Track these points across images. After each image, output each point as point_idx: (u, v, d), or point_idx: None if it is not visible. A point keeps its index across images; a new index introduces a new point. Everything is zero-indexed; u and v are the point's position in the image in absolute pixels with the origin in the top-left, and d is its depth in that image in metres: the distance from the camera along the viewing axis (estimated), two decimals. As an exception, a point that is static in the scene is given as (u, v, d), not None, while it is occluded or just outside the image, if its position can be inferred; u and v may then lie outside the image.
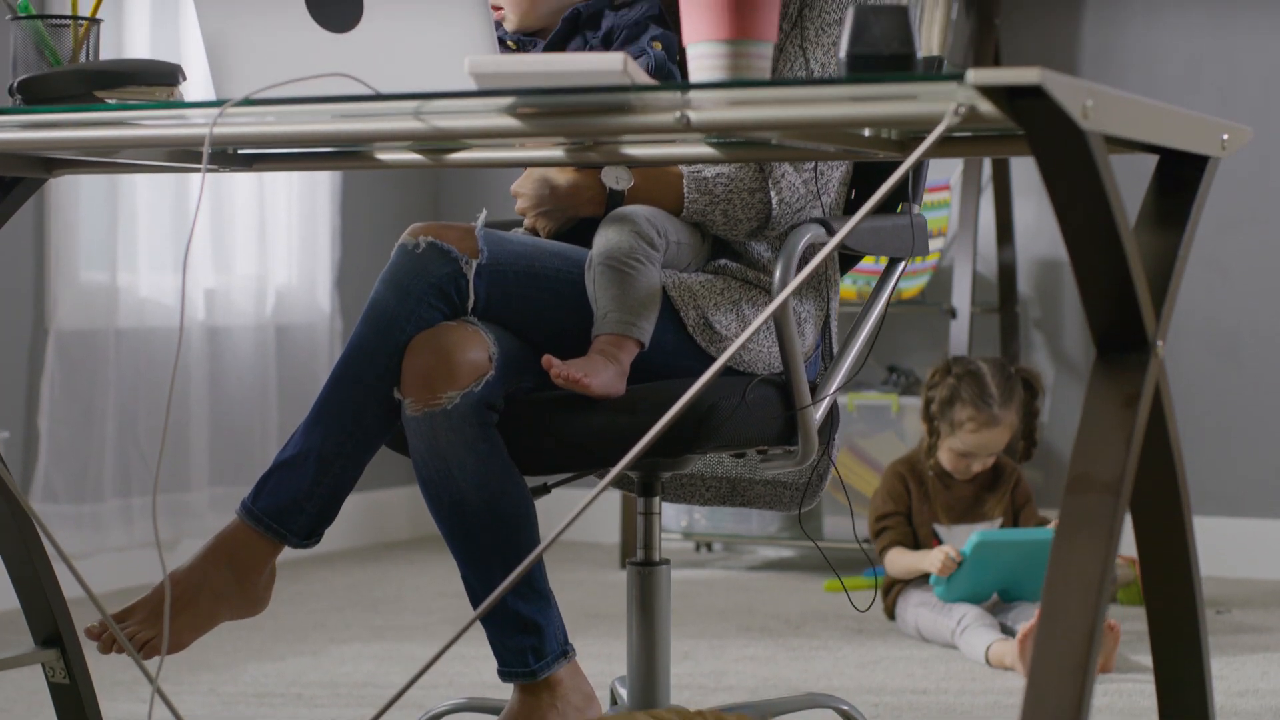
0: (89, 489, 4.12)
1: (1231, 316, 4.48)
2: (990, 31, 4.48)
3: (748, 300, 2.43)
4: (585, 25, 2.43)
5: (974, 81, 1.61)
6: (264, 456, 4.52)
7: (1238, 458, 4.49)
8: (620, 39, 2.40)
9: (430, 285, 2.29)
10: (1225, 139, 2.04)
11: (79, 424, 4.10)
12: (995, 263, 4.61)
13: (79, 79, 2.13)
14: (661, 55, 2.37)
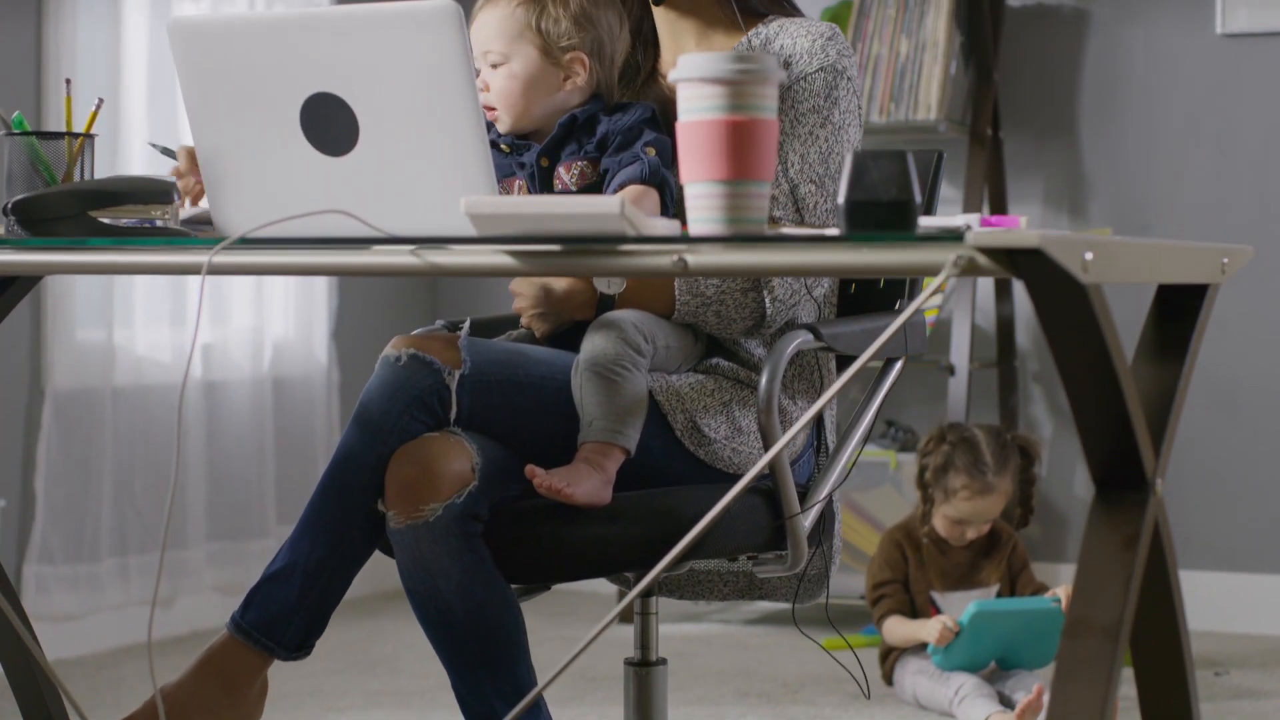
0: (86, 549, 4.11)
1: (1229, 368, 4.48)
2: (989, 86, 4.47)
3: (738, 401, 2.42)
4: (580, 131, 2.43)
5: (973, 243, 1.61)
6: (261, 512, 4.52)
7: (1235, 511, 4.48)
8: (615, 145, 2.40)
9: (413, 397, 2.29)
10: (1225, 262, 2.04)
11: (75, 484, 4.09)
12: (994, 316, 4.61)
13: (73, 199, 2.12)
14: (655, 162, 2.36)
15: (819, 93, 2.43)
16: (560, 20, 2.41)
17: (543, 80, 2.42)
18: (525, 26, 2.41)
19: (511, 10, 2.42)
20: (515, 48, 2.41)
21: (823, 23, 2.50)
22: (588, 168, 2.40)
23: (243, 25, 2.11)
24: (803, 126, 2.42)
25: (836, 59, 2.45)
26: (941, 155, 2.67)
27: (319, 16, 2.06)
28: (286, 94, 2.05)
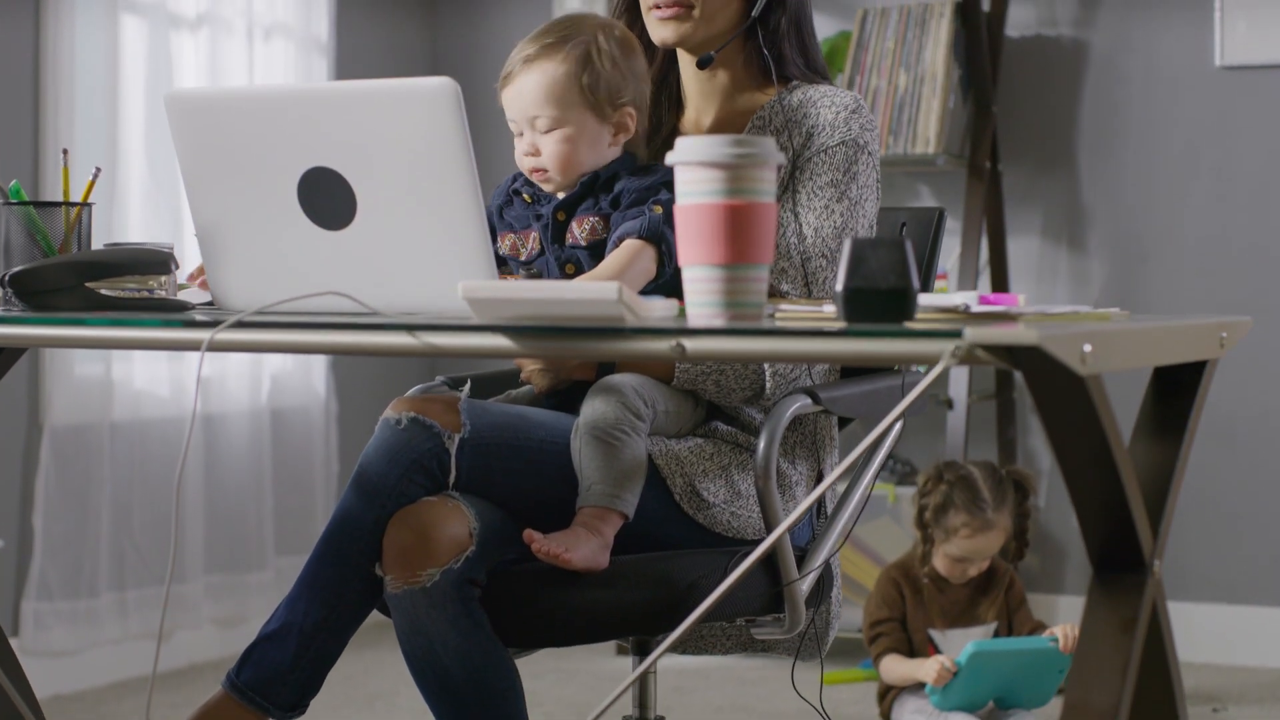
0: (84, 584, 4.11)
1: (1228, 403, 4.47)
2: (988, 118, 4.47)
3: (737, 465, 2.42)
4: (600, 189, 2.42)
5: (971, 340, 1.61)
6: (260, 544, 4.52)
7: (1233, 543, 4.48)
8: (627, 201, 2.39)
9: (412, 461, 2.28)
10: (1224, 336, 2.03)
11: (73, 520, 4.09)
12: (992, 347, 4.60)
13: (71, 271, 2.11)
14: (657, 218, 2.35)
15: (839, 166, 2.43)
16: (611, 77, 2.40)
17: (597, 139, 2.41)
18: (577, 88, 2.38)
19: (560, 73, 2.38)
20: (569, 111, 2.38)
21: (846, 93, 2.50)
22: (599, 224, 2.39)
23: (240, 99, 2.11)
24: (819, 200, 2.42)
25: (859, 133, 2.45)
26: (943, 213, 2.67)
27: (317, 92, 2.07)
28: (284, 168, 2.05)
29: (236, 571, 4.47)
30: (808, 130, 2.46)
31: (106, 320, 1.97)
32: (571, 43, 2.40)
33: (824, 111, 2.47)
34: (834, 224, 2.42)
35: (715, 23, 2.49)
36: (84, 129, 4.08)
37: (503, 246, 2.46)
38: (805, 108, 2.48)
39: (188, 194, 2.12)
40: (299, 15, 4.61)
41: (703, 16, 2.48)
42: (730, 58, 2.53)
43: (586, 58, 2.39)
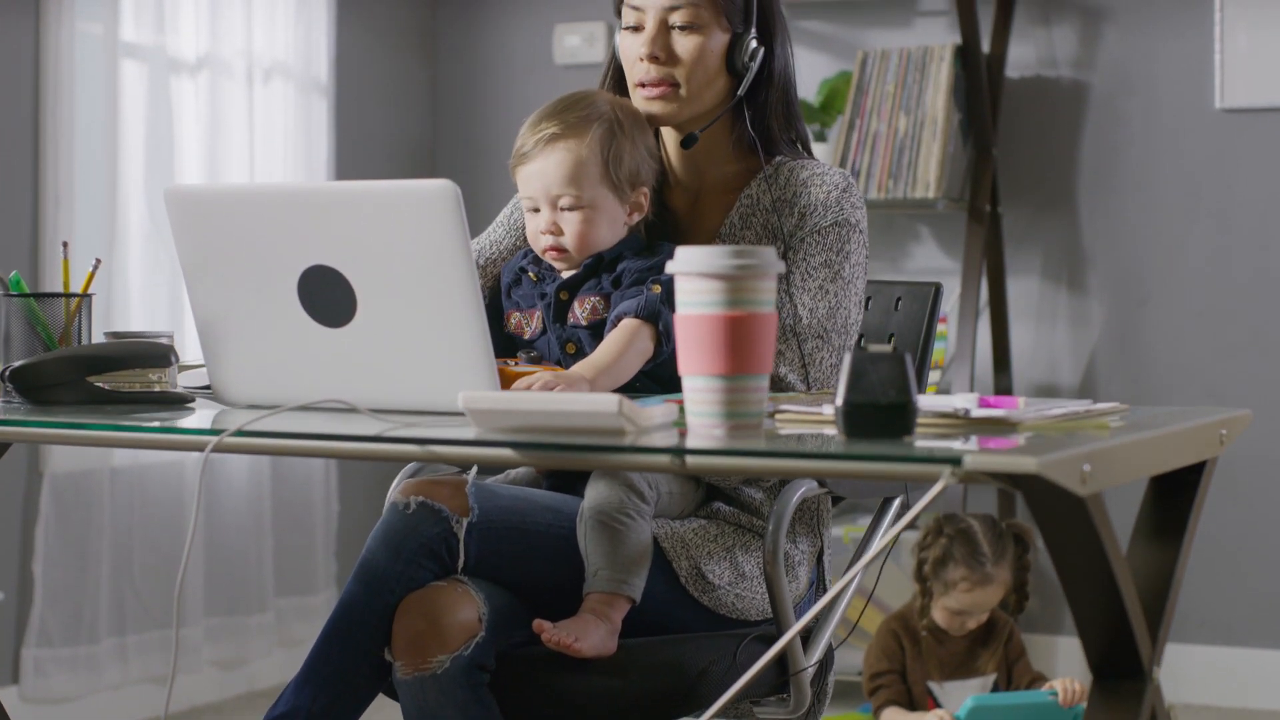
0: (84, 630, 4.11)
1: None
2: (988, 162, 4.47)
3: (740, 546, 2.42)
4: (604, 269, 2.43)
5: (971, 466, 1.61)
6: (260, 586, 4.52)
7: (1232, 585, 4.48)
8: (628, 281, 2.40)
9: (421, 545, 2.28)
10: (1224, 434, 2.03)
11: (73, 566, 4.09)
12: (992, 388, 4.60)
13: (71, 366, 2.12)
14: (654, 297, 2.35)
15: (832, 247, 2.43)
16: (632, 157, 2.41)
17: (616, 219, 2.41)
18: (601, 169, 2.39)
19: (585, 153, 2.39)
20: (593, 191, 2.39)
21: (836, 171, 2.49)
22: (599, 303, 2.40)
23: (240, 196, 2.12)
24: (813, 280, 2.42)
25: (850, 212, 2.45)
26: (939, 288, 2.67)
27: (317, 191, 2.07)
28: (284, 265, 2.05)
29: (236, 614, 4.47)
30: (800, 210, 2.45)
31: (110, 426, 1.97)
32: (596, 122, 2.41)
33: (815, 191, 2.46)
34: (828, 304, 2.41)
35: (702, 100, 2.48)
36: (84, 221, 4.08)
37: (509, 325, 2.47)
38: (795, 186, 2.48)
39: (188, 288, 2.12)
40: (298, 56, 4.61)
41: (689, 95, 2.47)
42: (717, 132, 2.52)
43: (610, 136, 2.40)
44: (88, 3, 4.11)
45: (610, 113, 2.42)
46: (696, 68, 2.45)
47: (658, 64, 2.45)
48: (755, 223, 2.48)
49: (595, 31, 4.96)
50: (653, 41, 2.45)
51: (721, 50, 2.47)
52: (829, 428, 1.90)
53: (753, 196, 2.50)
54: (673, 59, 2.45)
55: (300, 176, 4.61)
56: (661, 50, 2.45)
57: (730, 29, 2.47)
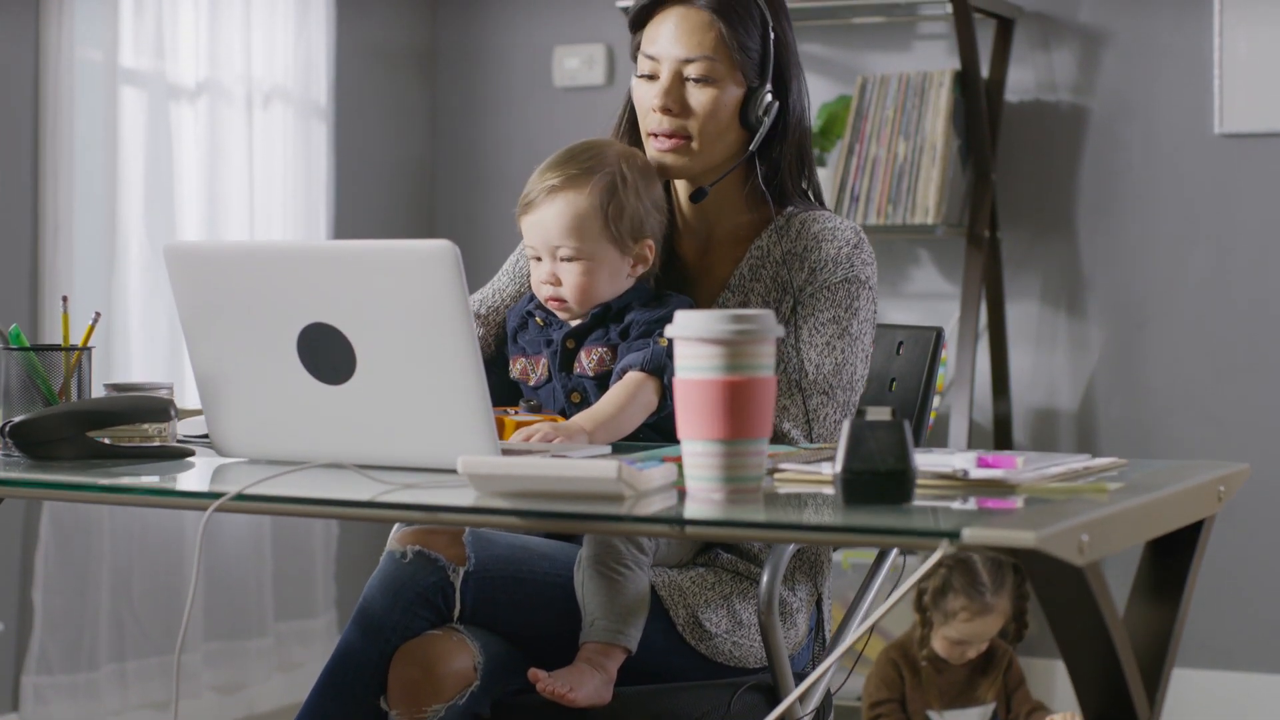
0: (84, 658, 4.12)
1: (1227, 467, 4.47)
2: (987, 186, 4.47)
3: (739, 594, 2.42)
4: (612, 319, 2.43)
5: (969, 541, 1.61)
6: (260, 611, 4.52)
7: (1234, 609, 4.49)
8: (635, 333, 2.40)
9: (417, 594, 2.29)
10: (1222, 490, 2.04)
11: (73, 593, 4.10)
12: (991, 412, 4.61)
13: (70, 421, 2.12)
14: (660, 350, 2.36)
15: (841, 303, 2.43)
16: (635, 210, 2.42)
17: (618, 271, 2.42)
18: (601, 222, 2.40)
19: (585, 205, 2.40)
20: (592, 244, 2.40)
21: (847, 225, 2.50)
22: (606, 354, 2.40)
23: (239, 253, 2.12)
24: (821, 336, 2.42)
25: (860, 268, 2.46)
26: (940, 333, 2.67)
27: (316, 249, 2.07)
28: (283, 322, 2.05)
29: (236, 638, 4.47)
30: (811, 265, 2.45)
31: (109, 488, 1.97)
32: (598, 174, 2.41)
33: (826, 246, 2.46)
34: (834, 360, 2.42)
35: (714, 153, 2.49)
36: (84, 275, 4.09)
37: (514, 370, 2.47)
38: (806, 240, 2.48)
39: (187, 342, 2.12)
40: (298, 80, 4.61)
41: (701, 148, 2.48)
42: (729, 184, 2.52)
43: (612, 189, 2.41)
44: (87, 29, 4.11)
45: (615, 165, 2.43)
46: (709, 121, 2.46)
47: (671, 116, 2.47)
48: (765, 275, 2.48)
49: (595, 54, 4.96)
50: (666, 93, 2.46)
51: (735, 104, 2.48)
52: (827, 487, 1.90)
53: (763, 248, 2.50)
54: (686, 111, 2.47)
55: (300, 200, 4.61)
56: (675, 103, 2.46)
57: (745, 83, 2.48)
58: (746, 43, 2.47)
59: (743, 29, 2.47)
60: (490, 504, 1.82)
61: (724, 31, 2.45)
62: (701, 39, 2.45)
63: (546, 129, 5.05)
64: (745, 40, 2.47)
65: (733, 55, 2.46)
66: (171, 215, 4.28)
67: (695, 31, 2.46)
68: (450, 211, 5.15)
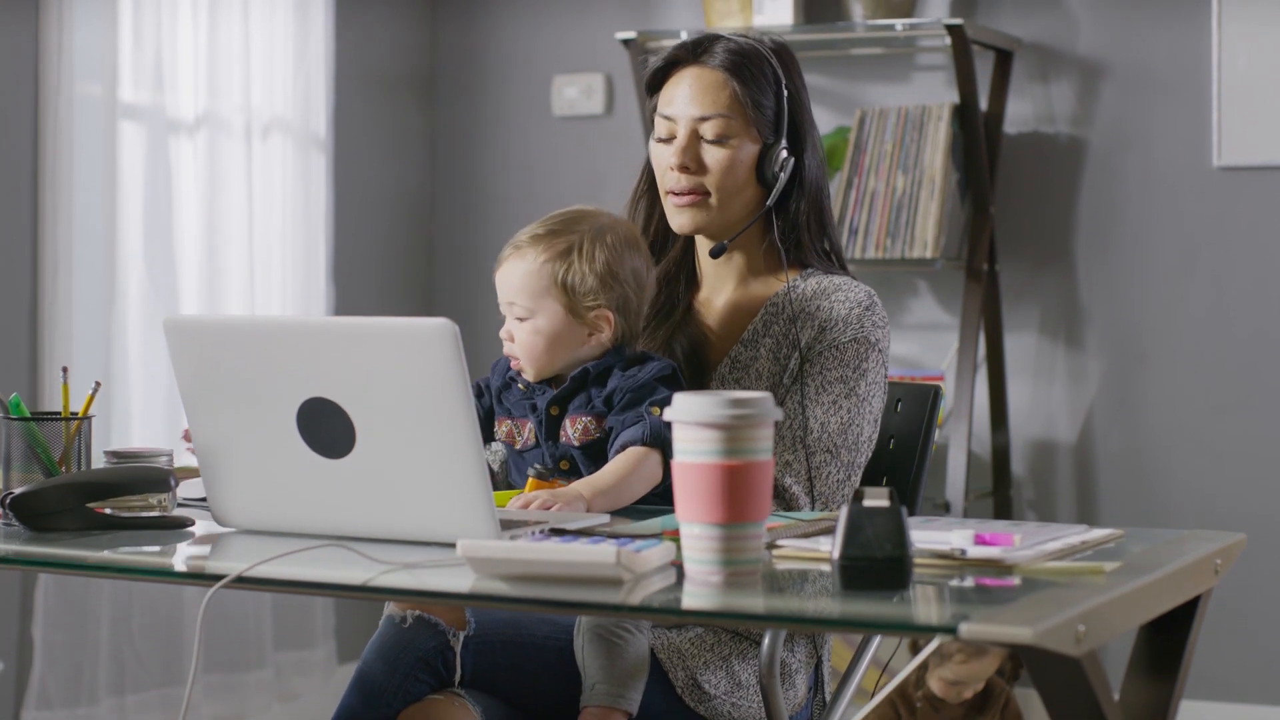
0: (84, 692, 4.12)
1: (1226, 500, 4.49)
2: (986, 220, 4.47)
3: (738, 655, 2.43)
4: (593, 383, 2.44)
5: (966, 636, 1.62)
6: (259, 642, 4.52)
7: (1233, 642, 4.49)
8: (622, 402, 2.40)
9: (418, 659, 2.30)
10: (1219, 563, 2.04)
11: (73, 627, 4.10)
12: (989, 443, 4.61)
13: (71, 493, 2.13)
14: (658, 422, 2.36)
15: (848, 363, 2.45)
16: (586, 278, 2.42)
17: (567, 335, 2.42)
18: (551, 283, 2.41)
19: (538, 265, 2.42)
20: (541, 303, 2.41)
21: (861, 287, 2.52)
22: (592, 423, 2.41)
23: (239, 327, 2.13)
24: (827, 395, 2.44)
25: (871, 330, 2.48)
26: (938, 391, 2.68)
27: (316, 325, 2.08)
28: (284, 396, 2.06)
29: (235, 670, 4.48)
30: (820, 323, 2.47)
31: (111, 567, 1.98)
32: (560, 238, 2.43)
33: (838, 306, 2.48)
34: (840, 419, 2.43)
35: (731, 209, 2.53)
36: (82, 345, 4.09)
37: (499, 432, 2.48)
38: (819, 299, 2.50)
39: (187, 414, 2.13)
40: (297, 111, 4.62)
41: (719, 204, 2.52)
42: (748, 240, 2.56)
43: (566, 254, 2.42)
44: (87, 63, 4.12)
45: (582, 231, 2.44)
46: (726, 177, 2.50)
47: (688, 174, 2.51)
48: (775, 330, 2.50)
49: (593, 83, 4.97)
50: (683, 151, 2.51)
51: (751, 160, 2.52)
52: (825, 564, 1.91)
53: (777, 305, 2.52)
54: (703, 168, 2.51)
55: (300, 230, 4.62)
56: (692, 160, 2.51)
57: (760, 139, 2.52)
58: (760, 100, 2.51)
59: (756, 86, 2.51)
60: (489, 587, 1.83)
61: (738, 90, 2.50)
62: (716, 97, 2.50)
63: (545, 158, 5.06)
64: (759, 98, 2.51)
65: (747, 112, 2.50)
66: (171, 248, 4.28)
67: (709, 90, 2.51)
68: (449, 240, 5.16)
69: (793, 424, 2.44)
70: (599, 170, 4.99)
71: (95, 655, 4.14)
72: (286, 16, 4.57)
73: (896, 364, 4.67)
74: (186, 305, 4.33)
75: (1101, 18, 4.56)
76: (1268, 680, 4.48)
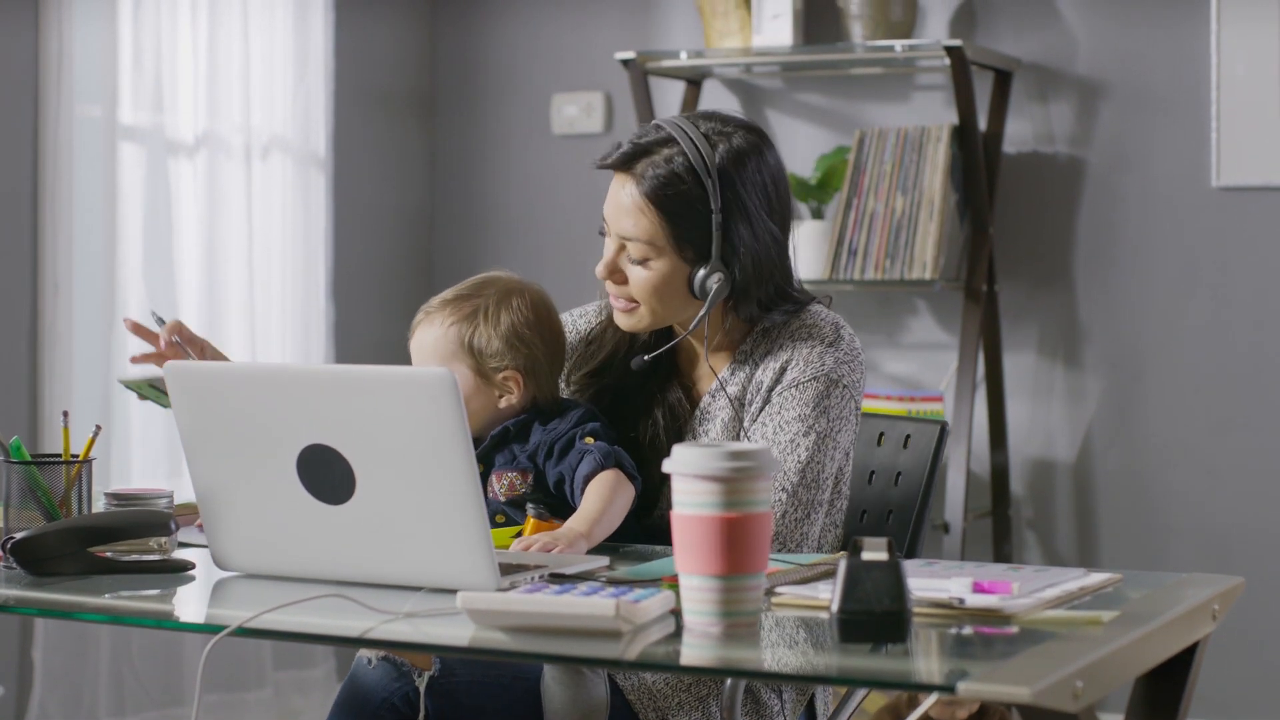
0: (84, 714, 4.13)
1: (1223, 517, 4.49)
2: (985, 241, 4.48)
3: (715, 695, 2.40)
4: (514, 439, 2.49)
5: (964, 693, 1.62)
6: (258, 661, 4.53)
7: (1231, 661, 4.50)
8: (556, 453, 2.44)
9: (382, 701, 2.34)
10: (1216, 609, 2.05)
11: (72, 650, 4.11)
12: (988, 463, 4.62)
13: (71, 538, 2.13)
14: (602, 446, 2.42)
15: (808, 402, 2.44)
16: (491, 340, 2.48)
17: (477, 397, 2.48)
18: (458, 346, 2.48)
19: (445, 330, 2.49)
20: (450, 366, 2.46)
21: (828, 320, 2.49)
22: (517, 479, 2.47)
23: (240, 374, 2.13)
24: (784, 435, 2.43)
25: (834, 367, 2.45)
26: (945, 427, 2.68)
27: (316, 373, 2.09)
28: (284, 442, 2.07)
29: (235, 690, 4.48)
30: (782, 364, 2.46)
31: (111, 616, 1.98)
32: (467, 301, 2.50)
33: (801, 346, 2.47)
34: (798, 459, 2.42)
35: (666, 315, 2.50)
36: (82, 389, 4.10)
37: None
38: (784, 339, 2.49)
39: (188, 460, 2.13)
40: (297, 130, 4.62)
41: (650, 314, 2.49)
42: None
43: (473, 317, 2.49)
44: (86, 86, 4.12)
45: (487, 297, 2.50)
46: (650, 295, 2.47)
47: (614, 284, 2.49)
48: (740, 376, 2.50)
49: (593, 102, 4.97)
50: (607, 264, 2.49)
51: (681, 278, 2.46)
52: (823, 612, 1.91)
53: (745, 351, 2.52)
54: (626, 282, 2.48)
55: (299, 250, 4.62)
56: (615, 273, 2.49)
57: (688, 262, 2.45)
58: (685, 232, 2.43)
59: (680, 218, 2.43)
60: (488, 638, 1.83)
61: (661, 220, 2.43)
62: (638, 222, 2.44)
63: (544, 176, 5.06)
64: (683, 230, 2.43)
65: (670, 242, 2.44)
66: (171, 269, 4.29)
67: (633, 213, 2.45)
68: (449, 259, 5.16)
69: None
70: (598, 188, 4.95)
71: (95, 677, 4.15)
72: (286, 36, 4.58)
73: (897, 384, 4.67)
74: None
75: (1100, 38, 4.57)
76: (1267, 700, 4.48)
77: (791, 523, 2.40)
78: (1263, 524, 4.48)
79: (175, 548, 2.22)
